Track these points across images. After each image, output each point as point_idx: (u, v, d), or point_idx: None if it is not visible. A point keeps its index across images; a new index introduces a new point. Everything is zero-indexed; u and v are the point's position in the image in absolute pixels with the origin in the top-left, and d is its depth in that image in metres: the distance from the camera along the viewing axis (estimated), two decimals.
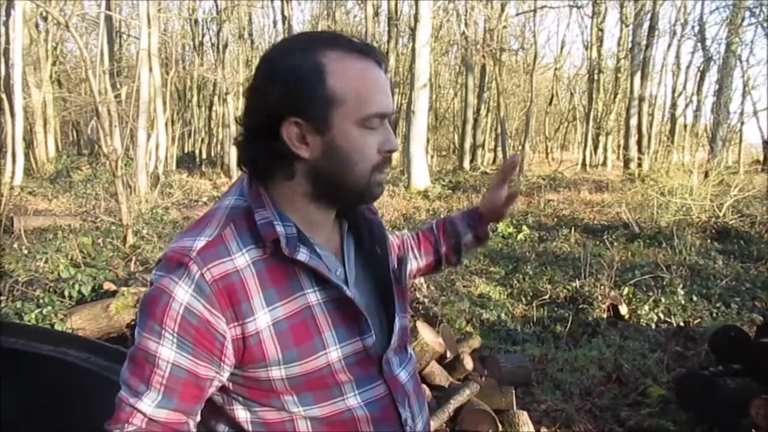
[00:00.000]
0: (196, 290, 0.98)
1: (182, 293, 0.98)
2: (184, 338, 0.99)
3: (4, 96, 16.94)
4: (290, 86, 1.01)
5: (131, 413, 1.01)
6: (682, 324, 5.62)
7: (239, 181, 1.12)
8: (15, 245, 6.91)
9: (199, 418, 1.07)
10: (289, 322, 1.02)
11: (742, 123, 25.12)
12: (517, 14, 27.82)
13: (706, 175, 11.69)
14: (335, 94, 1.01)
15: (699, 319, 5.78)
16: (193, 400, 1.03)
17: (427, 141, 22.21)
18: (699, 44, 25.25)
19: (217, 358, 1.01)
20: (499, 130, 27.16)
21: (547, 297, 6.38)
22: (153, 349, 1.00)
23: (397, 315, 1.17)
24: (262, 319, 1.01)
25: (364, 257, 1.18)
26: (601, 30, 26.97)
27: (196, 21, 27.21)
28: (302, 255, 1.02)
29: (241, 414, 1.08)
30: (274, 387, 1.05)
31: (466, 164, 24.75)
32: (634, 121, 21.39)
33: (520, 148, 24.57)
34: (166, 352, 0.99)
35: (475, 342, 4.71)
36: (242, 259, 1.01)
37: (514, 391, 3.84)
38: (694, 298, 6.19)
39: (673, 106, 28.92)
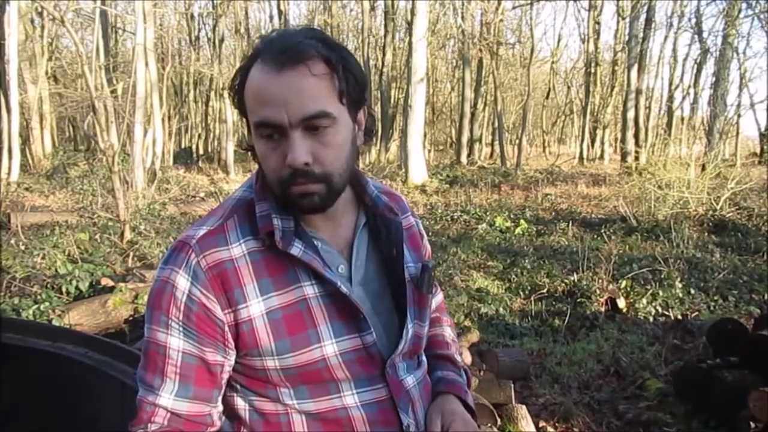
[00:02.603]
0: (194, 277, 1.02)
1: (183, 282, 1.02)
2: (189, 326, 1.02)
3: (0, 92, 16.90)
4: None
5: (152, 411, 1.02)
6: (679, 317, 5.63)
7: (252, 175, 1.15)
8: (12, 241, 6.90)
9: (221, 408, 1.09)
10: (282, 312, 1.03)
11: (739, 115, 25.24)
12: (514, 8, 27.80)
13: (703, 167, 11.67)
14: (244, 105, 1.04)
15: (696, 312, 5.78)
16: (209, 384, 1.05)
17: (425, 135, 22.16)
18: (696, 36, 25.30)
19: (221, 344, 1.04)
20: (496, 124, 27.11)
21: (545, 291, 6.39)
22: (162, 340, 1.02)
23: (410, 321, 1.13)
24: (256, 307, 1.02)
25: (381, 258, 1.15)
26: (598, 23, 26.98)
27: (192, 16, 27.15)
28: (296, 249, 1.03)
29: (240, 402, 1.10)
30: (269, 377, 1.06)
31: (464, 158, 24.79)
32: (631, 114, 21.35)
33: (517, 141, 24.53)
34: (175, 341, 1.02)
35: (474, 336, 4.72)
36: (238, 249, 1.04)
37: (512, 385, 3.84)
38: (692, 291, 6.20)
39: (670, 98, 28.99)
